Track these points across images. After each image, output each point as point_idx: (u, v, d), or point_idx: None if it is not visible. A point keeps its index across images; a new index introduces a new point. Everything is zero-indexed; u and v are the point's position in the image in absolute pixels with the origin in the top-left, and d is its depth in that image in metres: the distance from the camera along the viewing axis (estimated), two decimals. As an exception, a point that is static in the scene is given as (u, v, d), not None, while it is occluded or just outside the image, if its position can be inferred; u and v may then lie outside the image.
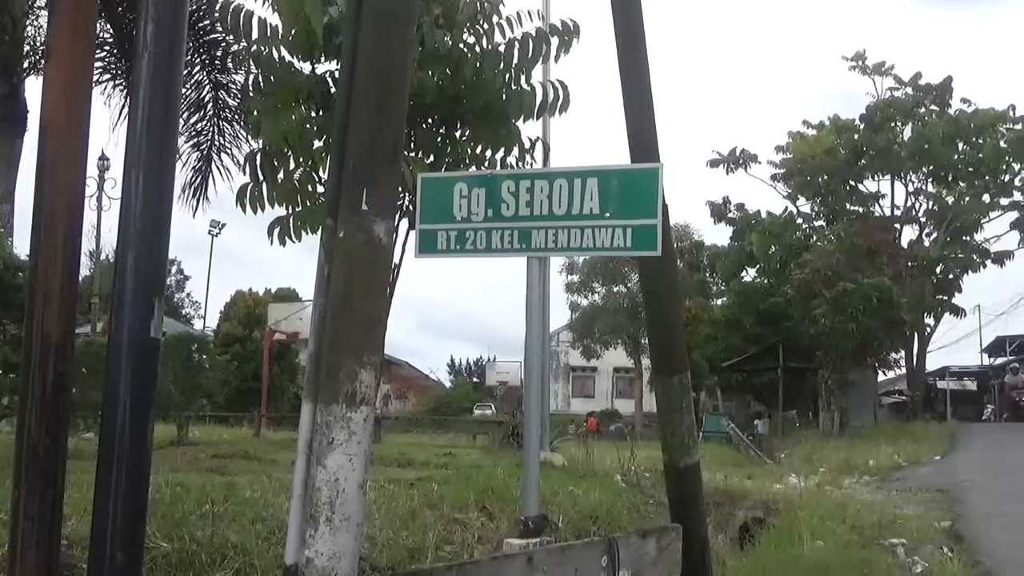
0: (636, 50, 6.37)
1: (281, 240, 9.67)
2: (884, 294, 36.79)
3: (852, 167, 48.66)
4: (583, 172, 5.75)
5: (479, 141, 10.21)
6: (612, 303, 49.58)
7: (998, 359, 67.70)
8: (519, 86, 9.88)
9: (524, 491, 5.89)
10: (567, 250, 5.84)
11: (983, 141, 47.27)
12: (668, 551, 5.99)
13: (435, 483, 11.11)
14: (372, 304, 4.02)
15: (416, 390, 69.65)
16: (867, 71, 49.97)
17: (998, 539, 12.90)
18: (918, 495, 17.85)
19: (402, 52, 4.18)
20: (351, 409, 3.84)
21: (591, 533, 10.49)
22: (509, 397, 53.18)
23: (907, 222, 49.89)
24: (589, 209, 5.66)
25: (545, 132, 14.05)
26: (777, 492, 17.28)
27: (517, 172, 7.87)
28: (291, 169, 9.72)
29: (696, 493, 6.91)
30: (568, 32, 9.74)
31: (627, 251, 5.71)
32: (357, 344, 3.91)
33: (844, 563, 10.26)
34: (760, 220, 50.11)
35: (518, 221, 5.79)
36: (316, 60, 9.79)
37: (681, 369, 6.66)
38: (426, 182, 6.22)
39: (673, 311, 7.02)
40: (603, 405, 63.19)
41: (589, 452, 16.47)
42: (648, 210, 5.60)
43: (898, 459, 26.54)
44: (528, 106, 9.86)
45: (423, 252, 5.98)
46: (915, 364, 49.08)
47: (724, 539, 13.91)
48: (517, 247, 5.80)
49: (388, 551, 8.14)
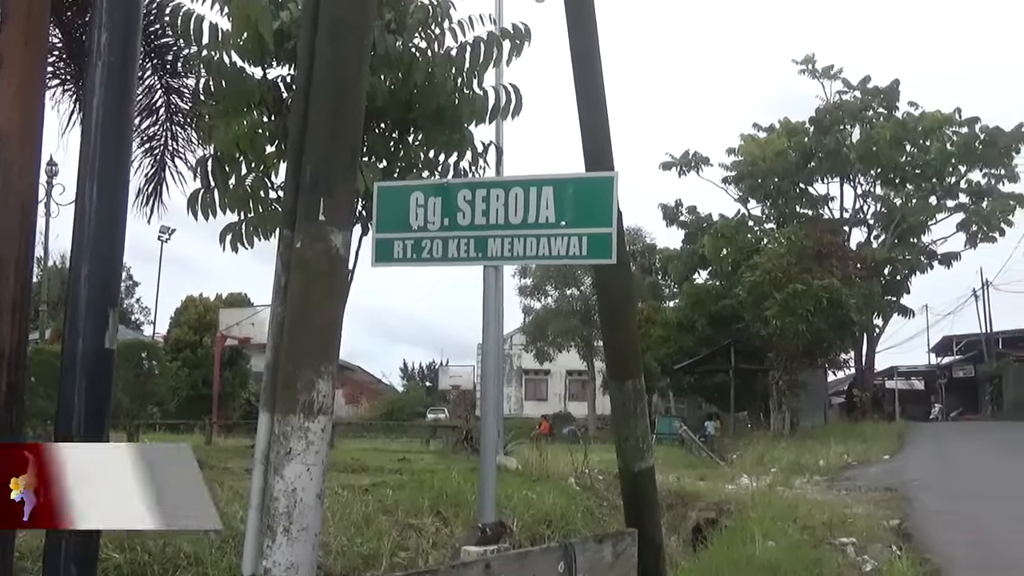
0: (590, 62, 6.41)
1: (233, 246, 9.62)
2: (834, 295, 37.15)
3: (802, 169, 49.12)
4: (539, 181, 5.76)
5: (432, 145, 10.21)
6: (565, 306, 49.66)
7: (945, 359, 68.73)
8: (471, 90, 9.89)
9: (481, 498, 5.90)
10: (523, 258, 5.85)
11: (930, 144, 47.89)
12: (624, 556, 6.01)
13: (389, 489, 11.09)
14: (329, 314, 4.02)
15: (369, 395, 69.32)
16: (816, 74, 50.51)
17: (945, 537, 13.07)
18: (867, 494, 18.04)
19: (358, 62, 4.18)
20: (309, 419, 3.84)
21: (546, 537, 10.53)
22: (462, 401, 53.16)
23: (856, 224, 50.50)
24: (545, 218, 5.67)
25: (498, 136, 14.06)
26: (729, 493, 17.41)
27: (473, 181, 7.89)
28: (243, 175, 9.67)
29: (651, 497, 6.95)
30: (520, 36, 9.76)
31: (583, 259, 5.74)
32: (315, 354, 3.91)
33: (795, 563, 10.34)
34: (712, 223, 50.44)
35: (474, 230, 5.79)
36: (267, 65, 9.74)
37: (635, 374, 6.70)
38: (382, 191, 6.20)
39: (627, 317, 7.06)
40: (556, 408, 63.22)
41: (543, 455, 16.51)
42: (603, 218, 5.62)
43: (848, 459, 26.85)
44: (480, 110, 9.88)
45: (379, 261, 5.96)
46: (864, 364, 49.64)
47: (677, 540, 14.00)
48: (473, 256, 5.80)
49: (343, 558, 8.13)
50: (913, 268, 49.25)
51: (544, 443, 22.88)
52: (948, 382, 64.05)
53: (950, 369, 66.71)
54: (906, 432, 36.47)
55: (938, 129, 47.84)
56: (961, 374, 64.46)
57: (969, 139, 47.62)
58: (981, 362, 60.10)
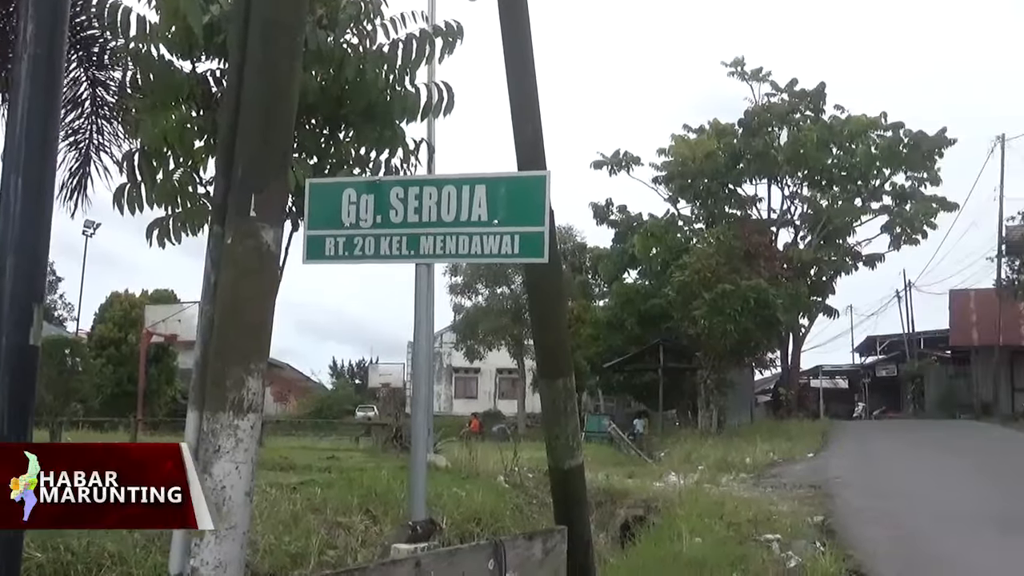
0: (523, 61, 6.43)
1: (160, 242, 9.48)
2: (761, 295, 37.59)
3: (731, 170, 49.58)
4: (471, 179, 5.77)
5: (363, 142, 10.15)
6: (496, 304, 49.65)
7: (868, 358, 70.00)
8: (403, 87, 9.84)
9: (411, 495, 5.89)
10: (455, 257, 5.86)
11: (856, 147, 48.62)
12: (554, 552, 6.05)
13: (318, 487, 11.04)
14: (260, 311, 3.99)
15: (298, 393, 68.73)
16: (745, 77, 51.00)
17: (867, 533, 13.33)
18: (792, 491, 18.31)
19: (291, 60, 4.16)
20: (238, 417, 3.81)
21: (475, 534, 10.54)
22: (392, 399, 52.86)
23: (783, 225, 51.15)
24: (477, 216, 5.68)
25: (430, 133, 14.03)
26: (657, 490, 17.56)
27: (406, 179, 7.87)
28: (171, 169, 9.52)
29: (580, 495, 7.00)
30: (452, 33, 9.73)
31: (515, 258, 5.75)
32: (245, 351, 3.88)
33: (721, 559, 10.48)
34: (642, 222, 50.73)
35: (407, 228, 5.78)
36: (196, 59, 9.61)
37: (566, 373, 6.74)
38: (314, 188, 6.17)
39: (558, 316, 7.10)
40: (486, 406, 63.18)
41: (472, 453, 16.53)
42: (535, 217, 5.65)
43: (773, 456, 27.17)
44: (412, 107, 9.83)
45: (311, 258, 5.93)
46: (790, 363, 50.31)
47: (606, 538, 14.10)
48: (406, 254, 5.80)
49: (271, 557, 8.07)
50: (838, 269, 50.07)
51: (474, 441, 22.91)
52: (871, 381, 65.24)
53: (873, 368, 67.96)
54: (830, 430, 37.04)
55: (863, 133, 48.61)
56: (884, 373, 65.70)
57: (893, 143, 48.47)
58: (903, 362, 61.29)
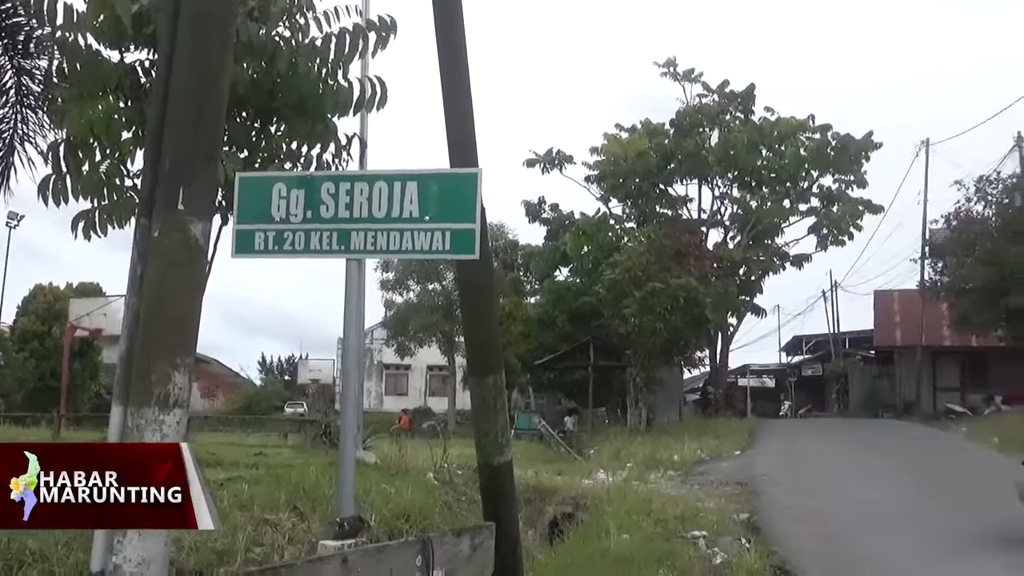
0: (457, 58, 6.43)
1: (86, 234, 9.32)
2: (690, 294, 37.88)
3: (662, 170, 49.85)
4: (403, 175, 5.75)
5: (294, 136, 10.05)
6: (427, 301, 49.55)
7: (795, 358, 71.03)
8: (335, 81, 9.77)
9: (339, 492, 5.87)
10: (386, 252, 5.84)
11: (785, 149, 49.22)
12: (481, 549, 6.06)
13: (245, 483, 10.95)
14: (187, 305, 3.95)
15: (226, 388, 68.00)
16: (677, 77, 51.36)
17: (792, 530, 13.54)
18: (719, 489, 18.53)
19: (221, 53, 4.12)
20: (164, 412, 3.77)
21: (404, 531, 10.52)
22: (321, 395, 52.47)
23: (713, 225, 51.59)
24: (408, 212, 5.67)
25: (363, 128, 13.97)
26: (586, 488, 17.66)
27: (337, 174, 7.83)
28: (97, 161, 9.36)
29: (509, 491, 7.02)
30: (385, 28, 9.68)
31: (446, 254, 5.75)
32: (171, 346, 3.84)
33: (648, 555, 10.58)
34: (574, 221, 50.90)
35: (337, 223, 5.75)
36: (125, 49, 9.46)
37: (496, 370, 6.76)
38: (244, 182, 6.11)
39: (489, 313, 7.12)
40: (416, 403, 63.09)
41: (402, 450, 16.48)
42: (466, 214, 5.65)
43: (701, 454, 27.47)
44: (344, 102, 9.76)
45: (240, 252, 5.88)
46: (718, 362, 50.81)
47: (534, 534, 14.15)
48: (336, 249, 5.77)
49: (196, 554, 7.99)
50: (767, 269, 50.65)
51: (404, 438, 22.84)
52: (797, 380, 66.14)
53: (799, 368, 68.93)
54: (757, 428, 37.52)
55: (792, 135, 49.24)
56: (810, 372, 66.66)
57: (821, 145, 49.16)
58: (828, 361, 62.22)
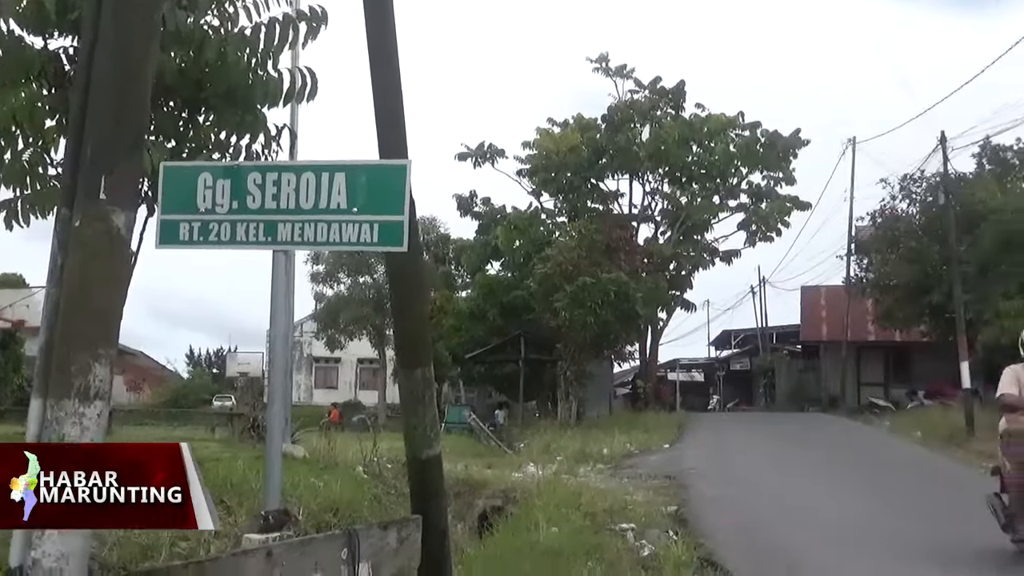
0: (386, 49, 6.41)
1: (8, 224, 9.13)
2: (621, 289, 38.11)
3: (594, 165, 50.08)
4: (331, 166, 5.73)
5: (223, 126, 9.93)
6: (358, 294, 49.26)
7: (723, 352, 71.87)
8: (265, 71, 9.67)
9: (266, 485, 5.84)
10: (314, 244, 5.82)
11: (714, 145, 49.69)
12: (408, 542, 6.06)
13: (171, 477, 10.78)
14: (108, 296, 3.89)
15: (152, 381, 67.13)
16: (610, 73, 51.59)
17: (719, 522, 13.71)
18: (647, 482, 18.67)
19: (145, 41, 4.06)
20: (84, 404, 3.71)
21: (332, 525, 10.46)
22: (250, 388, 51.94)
23: (644, 220, 51.89)
24: (336, 204, 5.65)
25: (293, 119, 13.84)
26: (516, 481, 17.71)
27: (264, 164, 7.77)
28: (20, 149, 9.18)
29: (437, 485, 7.01)
30: (316, 18, 9.60)
31: (373, 246, 5.74)
32: (92, 337, 3.78)
33: (577, 548, 10.63)
34: (505, 215, 50.97)
35: (264, 214, 5.71)
36: (49, 36, 9.29)
37: (424, 363, 6.75)
38: (169, 171, 6.04)
39: (418, 306, 7.10)
40: (346, 396, 62.67)
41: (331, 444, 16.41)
42: (395, 206, 5.64)
43: (630, 447, 27.65)
44: (274, 92, 9.66)
45: (164, 243, 5.82)
46: (648, 356, 51.19)
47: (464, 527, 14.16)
48: (262, 240, 5.73)
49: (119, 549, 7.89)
50: (696, 264, 51.17)
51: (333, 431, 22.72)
52: (726, 374, 66.92)
53: (728, 362, 69.78)
54: (686, 422, 37.86)
55: (722, 131, 49.71)
56: (738, 367, 67.52)
57: (751, 142, 49.77)
58: (756, 355, 63.10)
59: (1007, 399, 10.65)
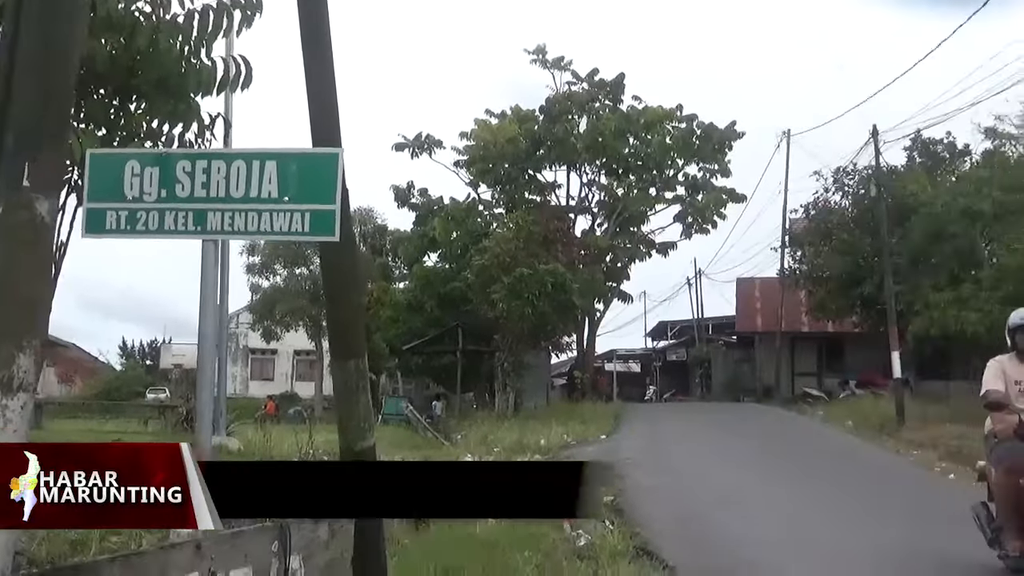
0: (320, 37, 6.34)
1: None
2: (558, 280, 38.25)
3: (531, 156, 50.13)
4: (261, 155, 5.68)
5: (155, 115, 9.79)
6: (294, 285, 48.84)
7: (660, 343, 72.41)
8: (198, 59, 9.56)
9: (196, 478, 5.77)
10: (244, 234, 5.77)
11: (651, 137, 50.03)
12: (340, 533, 6.03)
13: (102, 471, 10.65)
14: (33, 285, 3.83)
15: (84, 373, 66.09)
16: (547, 65, 51.64)
17: (654, 511, 13.81)
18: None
19: (71, 27, 3.99)
20: (7, 396, 3.66)
21: (265, 518, 10.37)
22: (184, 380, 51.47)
23: (581, 212, 52.12)
24: (267, 193, 5.60)
25: (227, 108, 13.72)
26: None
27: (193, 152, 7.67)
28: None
29: (372, 476, 6.98)
30: (251, 6, 9.49)
31: (305, 236, 5.71)
32: (16, 327, 3.72)
33: (513, 539, 10.65)
34: (443, 206, 50.88)
35: (193, 203, 5.65)
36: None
37: (358, 353, 6.71)
38: (95, 158, 5.95)
39: (352, 296, 7.05)
40: (283, 388, 62.20)
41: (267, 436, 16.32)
42: (327, 195, 5.60)
43: (568, 438, 27.72)
44: (207, 81, 9.55)
45: (90, 231, 5.74)
46: (585, 347, 51.41)
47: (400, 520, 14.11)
48: (192, 229, 5.67)
49: (48, 544, 7.76)
50: (633, 256, 51.51)
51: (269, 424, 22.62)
52: (662, 365, 67.48)
53: (664, 353, 70.35)
54: (623, 413, 38.11)
55: (659, 123, 50.05)
56: (674, 357, 68.14)
57: (687, 134, 50.16)
58: (692, 346, 63.60)
59: (992, 396, 9.16)
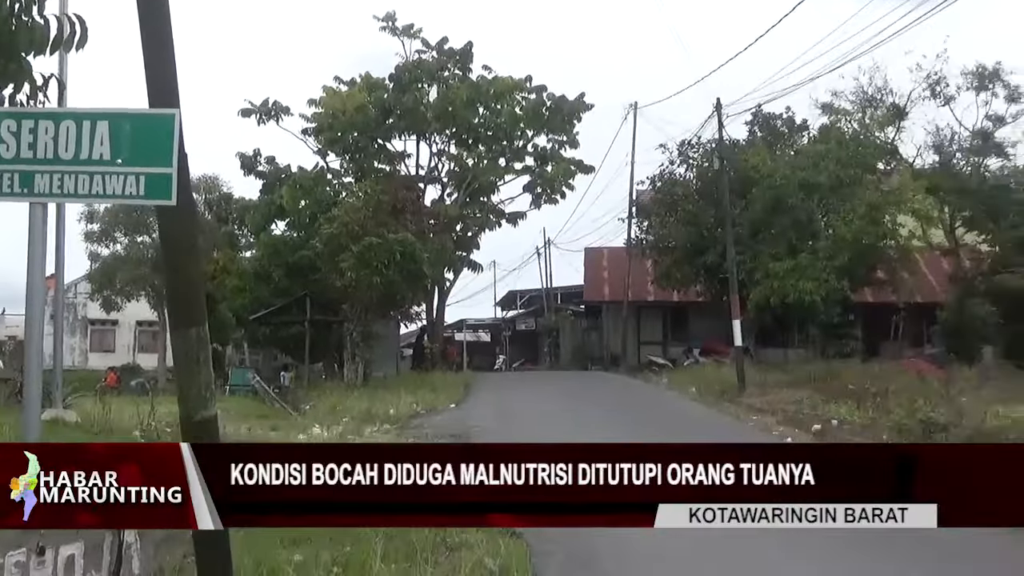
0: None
1: None
2: (407, 249, 38.15)
3: (381, 125, 49.89)
4: (92, 115, 5.47)
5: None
6: (136, 253, 47.42)
7: (510, 312, 73.05)
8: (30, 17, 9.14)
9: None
10: (74, 196, 5.55)
11: (501, 107, 50.26)
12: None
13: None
14: None
15: (-91, 346, 63.16)
16: (397, 32, 51.26)
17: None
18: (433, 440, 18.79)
19: None
20: None
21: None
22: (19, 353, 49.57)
23: (431, 182, 52.11)
24: (99, 154, 5.40)
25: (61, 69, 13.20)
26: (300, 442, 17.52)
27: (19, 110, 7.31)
28: None
29: (213, 447, 6.84)
30: (85, -37, 9.15)
31: (140, 199, 5.52)
32: None
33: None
34: (291, 174, 50.17)
35: (19, 164, 5.42)
36: None
37: (199, 322, 6.54)
38: (-86, 117, 5.65)
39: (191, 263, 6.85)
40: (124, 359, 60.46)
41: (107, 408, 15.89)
42: (163, 158, 5.43)
43: (417, 408, 27.83)
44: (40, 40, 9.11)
45: (-93, 195, 5.44)
46: (435, 317, 51.51)
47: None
48: (18, 192, 5.43)
49: None
50: (483, 225, 51.88)
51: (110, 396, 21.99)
52: (512, 334, 68.09)
53: (514, 322, 71.01)
54: (472, 382, 38.37)
55: (509, 94, 50.31)
56: (524, 327, 68.83)
57: (537, 105, 50.55)
58: (542, 315, 64.39)
59: None
